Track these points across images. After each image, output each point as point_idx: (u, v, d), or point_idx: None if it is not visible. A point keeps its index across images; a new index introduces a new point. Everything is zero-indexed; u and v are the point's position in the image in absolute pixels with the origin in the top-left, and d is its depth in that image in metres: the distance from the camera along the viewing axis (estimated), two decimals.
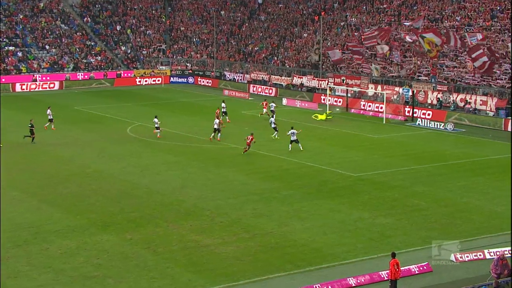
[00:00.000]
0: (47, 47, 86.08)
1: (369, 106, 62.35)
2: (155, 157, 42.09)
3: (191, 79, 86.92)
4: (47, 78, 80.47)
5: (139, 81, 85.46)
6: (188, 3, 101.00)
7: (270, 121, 49.30)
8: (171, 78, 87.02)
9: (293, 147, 43.42)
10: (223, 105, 55.76)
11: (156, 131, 48.01)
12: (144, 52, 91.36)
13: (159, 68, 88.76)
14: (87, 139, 48.26)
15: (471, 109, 56.82)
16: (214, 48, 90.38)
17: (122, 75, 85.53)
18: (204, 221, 29.32)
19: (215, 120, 47.56)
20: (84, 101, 69.31)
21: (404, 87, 61.97)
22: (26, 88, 77.93)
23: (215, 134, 47.19)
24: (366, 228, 28.47)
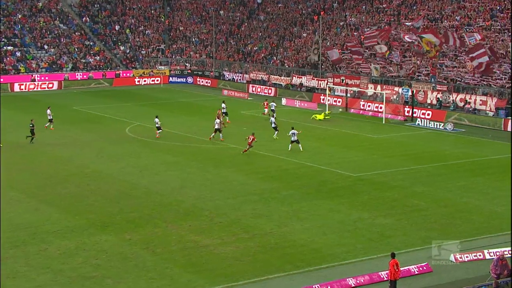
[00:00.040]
0: (46, 47, 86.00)
1: (369, 106, 62.28)
2: (154, 157, 42.01)
3: (190, 79, 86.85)
4: (46, 78, 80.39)
5: (138, 81, 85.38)
6: (187, 3, 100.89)
7: (271, 121, 49.24)
8: (170, 78, 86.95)
9: (293, 147, 43.37)
10: (223, 106, 55.69)
11: (159, 132, 47.91)
12: (143, 52, 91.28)
13: (158, 68, 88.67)
14: (86, 139, 48.17)
15: (471, 109, 56.76)
16: (213, 48, 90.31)
17: (121, 75, 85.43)
18: (203, 222, 29.26)
19: (216, 120, 47.50)
20: (83, 101, 69.24)
21: (404, 87, 61.91)
22: (25, 88, 77.87)
23: (216, 134, 47.13)
24: (366, 229, 28.41)
